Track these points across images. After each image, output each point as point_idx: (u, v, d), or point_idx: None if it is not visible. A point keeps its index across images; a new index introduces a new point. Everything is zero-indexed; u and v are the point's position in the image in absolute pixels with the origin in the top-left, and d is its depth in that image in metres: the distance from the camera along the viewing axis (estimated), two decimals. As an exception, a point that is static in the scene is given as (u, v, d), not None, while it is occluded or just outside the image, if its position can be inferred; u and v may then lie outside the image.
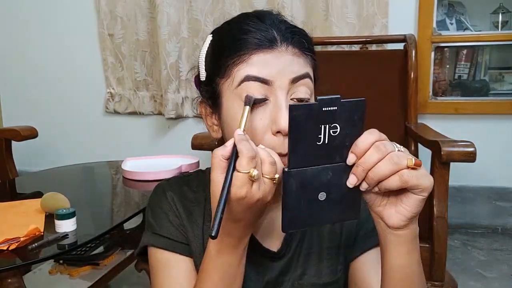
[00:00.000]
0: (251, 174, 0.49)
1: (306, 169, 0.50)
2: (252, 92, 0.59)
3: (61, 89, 2.63)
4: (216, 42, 0.65)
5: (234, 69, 0.60)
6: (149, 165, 1.72)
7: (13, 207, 1.30)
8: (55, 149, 2.65)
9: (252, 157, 0.49)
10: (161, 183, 0.74)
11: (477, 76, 2.33)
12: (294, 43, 0.61)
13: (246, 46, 0.60)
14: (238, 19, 0.65)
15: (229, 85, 0.61)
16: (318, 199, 0.51)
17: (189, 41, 2.35)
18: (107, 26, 2.44)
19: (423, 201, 0.51)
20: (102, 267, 1.57)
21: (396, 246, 0.55)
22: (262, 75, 0.59)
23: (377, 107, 1.88)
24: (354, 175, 0.50)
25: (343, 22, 2.11)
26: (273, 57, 0.59)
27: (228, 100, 0.62)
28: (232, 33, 0.62)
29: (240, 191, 0.49)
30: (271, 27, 0.61)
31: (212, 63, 0.65)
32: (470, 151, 1.28)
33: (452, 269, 1.75)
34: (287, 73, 0.59)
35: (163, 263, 0.67)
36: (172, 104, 2.36)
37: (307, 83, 0.61)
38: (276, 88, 0.59)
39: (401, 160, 0.49)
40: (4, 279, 1.04)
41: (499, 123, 2.14)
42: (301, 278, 0.69)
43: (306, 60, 0.63)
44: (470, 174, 2.13)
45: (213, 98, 0.65)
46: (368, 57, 2.02)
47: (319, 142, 0.49)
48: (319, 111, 0.48)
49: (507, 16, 2.29)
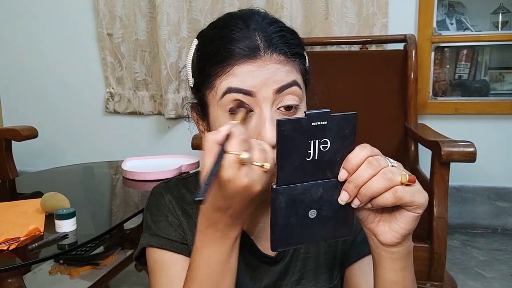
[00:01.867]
0: (240, 156, 0.46)
1: (296, 185, 0.48)
2: (234, 104, 0.57)
3: (61, 89, 2.63)
4: (200, 49, 0.63)
5: (217, 81, 0.58)
6: (149, 165, 1.72)
7: (13, 207, 1.30)
8: (55, 149, 2.65)
9: (243, 139, 0.47)
10: (159, 185, 0.73)
11: (477, 76, 2.33)
12: (279, 50, 0.58)
13: (228, 56, 0.58)
14: (222, 23, 0.62)
15: (213, 96, 0.60)
16: (309, 217, 0.49)
17: (189, 41, 2.35)
18: (106, 25, 2.44)
19: (417, 218, 0.50)
20: (102, 267, 1.56)
21: (389, 262, 0.53)
22: (245, 87, 0.57)
23: (377, 107, 1.89)
24: (346, 191, 0.49)
25: (343, 22, 2.11)
26: (256, 67, 0.57)
27: (214, 112, 0.61)
28: (215, 42, 0.60)
29: (227, 172, 0.47)
30: (255, 31, 0.58)
31: (197, 72, 0.63)
32: (470, 151, 1.28)
33: (451, 269, 1.76)
34: (271, 84, 0.57)
35: (161, 262, 0.66)
36: (172, 104, 2.36)
37: (294, 91, 0.58)
38: (259, 99, 0.57)
39: (395, 176, 0.47)
40: (4, 279, 1.04)
41: (499, 123, 2.14)
42: (298, 283, 0.69)
43: (293, 67, 0.60)
44: (470, 174, 2.13)
45: (202, 106, 0.64)
46: (368, 57, 2.02)
47: (308, 158, 0.47)
48: (308, 126, 0.46)
49: (507, 16, 2.29)
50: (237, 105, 0.57)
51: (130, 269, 1.67)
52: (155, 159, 1.82)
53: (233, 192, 0.48)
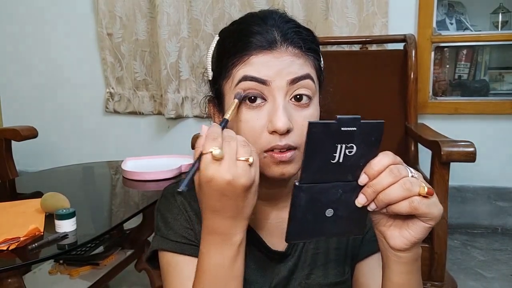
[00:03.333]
0: (212, 153, 0.49)
1: (317, 185, 0.50)
2: (249, 91, 0.59)
3: (61, 89, 2.63)
4: (221, 44, 0.66)
5: (233, 70, 0.61)
6: (149, 165, 1.72)
7: (13, 207, 1.30)
8: (55, 149, 2.65)
9: (214, 137, 0.50)
10: (169, 186, 0.73)
11: (477, 76, 2.33)
12: (294, 44, 0.61)
13: (246, 47, 0.60)
14: (242, 20, 0.65)
15: (230, 85, 0.62)
16: (325, 215, 0.51)
17: (189, 41, 2.35)
18: (105, 25, 2.44)
19: (429, 229, 0.51)
20: (102, 267, 1.56)
21: (396, 265, 0.55)
22: (260, 76, 0.59)
23: (377, 107, 1.88)
24: (364, 195, 0.50)
25: (343, 22, 2.11)
26: (272, 57, 0.59)
27: (229, 100, 0.62)
28: (234, 35, 0.63)
29: (206, 172, 0.50)
30: (272, 27, 0.61)
31: (216, 65, 0.65)
32: (470, 151, 1.28)
33: (452, 269, 1.76)
34: (285, 74, 0.59)
35: (173, 265, 0.66)
36: (172, 104, 2.36)
37: (307, 84, 0.60)
38: (273, 88, 0.59)
39: (414, 187, 0.49)
40: (4, 279, 1.03)
41: (499, 123, 2.14)
42: (308, 278, 0.69)
43: (307, 61, 0.62)
44: (470, 174, 2.13)
45: (218, 98, 0.66)
46: (368, 57, 2.02)
47: (333, 161, 0.49)
48: (337, 130, 0.48)
49: (507, 16, 2.29)
50: (237, 94, 0.59)
51: (130, 269, 1.67)
52: (155, 159, 1.82)
53: (220, 190, 0.50)
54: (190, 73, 2.38)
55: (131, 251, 1.67)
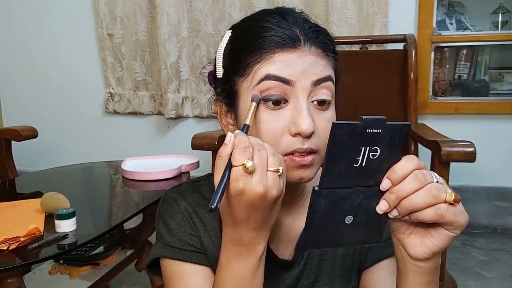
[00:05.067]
0: (245, 165, 0.46)
1: (338, 190, 0.47)
2: (271, 92, 0.56)
3: (60, 89, 2.63)
4: (235, 39, 0.62)
5: (254, 68, 0.57)
6: (149, 165, 1.72)
7: (13, 207, 1.30)
8: (55, 149, 2.65)
9: (245, 147, 0.47)
10: (171, 190, 0.70)
11: (477, 76, 2.33)
12: (317, 44, 0.58)
13: (268, 44, 0.57)
14: (259, 16, 0.61)
15: (248, 84, 0.58)
16: (345, 222, 0.48)
17: (189, 41, 2.35)
18: (106, 26, 2.44)
19: (453, 238, 0.48)
20: (102, 267, 1.56)
21: (414, 275, 0.52)
22: (283, 75, 0.56)
23: (377, 107, 1.88)
24: (386, 201, 0.47)
25: (343, 22, 2.11)
26: (296, 56, 0.56)
27: (247, 100, 0.58)
28: (253, 30, 0.59)
29: (237, 184, 0.47)
30: (293, 25, 0.58)
31: (230, 61, 0.61)
32: (470, 151, 1.28)
33: (451, 269, 1.76)
34: (309, 75, 0.56)
35: (178, 273, 0.63)
36: (172, 104, 2.36)
37: (329, 85, 0.58)
38: (297, 89, 0.56)
39: (441, 193, 0.46)
40: (4, 279, 1.04)
41: (499, 123, 2.14)
42: (313, 285, 0.67)
43: (329, 62, 0.60)
44: (470, 174, 2.13)
45: (229, 97, 0.62)
46: (368, 57, 2.02)
47: (356, 164, 0.46)
48: (362, 132, 0.45)
49: (507, 16, 2.29)
50: (254, 97, 0.56)
51: (130, 269, 1.67)
52: (155, 159, 1.82)
53: (250, 203, 0.48)
54: (190, 73, 2.38)
55: (131, 251, 1.67)
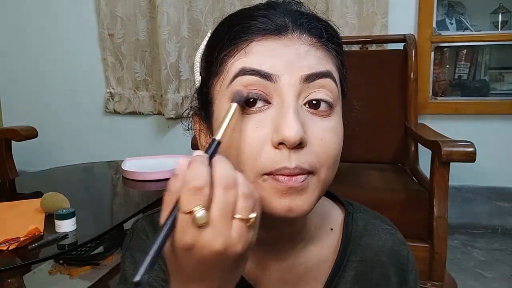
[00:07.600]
0: (195, 216, 0.33)
1: None
2: (249, 89, 0.42)
3: (61, 89, 2.63)
4: (212, 36, 0.50)
5: (228, 62, 0.44)
6: (149, 165, 1.72)
7: (13, 207, 1.30)
8: (55, 149, 2.65)
9: (197, 187, 0.33)
10: (140, 221, 0.57)
11: (477, 76, 2.33)
12: (311, 31, 0.44)
13: (245, 32, 0.44)
14: (244, 9, 0.50)
15: (221, 84, 0.45)
16: None
17: (189, 41, 2.35)
18: (107, 26, 2.44)
19: None
20: (102, 267, 1.57)
21: None
22: (263, 68, 0.42)
23: (377, 107, 1.88)
24: None
25: (343, 22, 2.11)
26: (281, 45, 0.43)
27: (218, 105, 0.45)
28: (231, 22, 0.47)
29: (183, 238, 0.33)
30: (281, 12, 0.45)
31: (206, 62, 0.49)
32: (470, 151, 1.28)
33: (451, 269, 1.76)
34: (298, 68, 0.42)
35: None
36: (172, 104, 2.36)
37: (327, 84, 0.44)
38: (281, 86, 0.42)
39: None
40: (4, 279, 1.04)
41: (499, 123, 2.14)
42: None
43: (328, 56, 0.45)
44: (470, 174, 2.13)
45: (204, 108, 0.48)
46: (368, 57, 2.02)
47: None
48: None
49: (507, 16, 2.29)
50: (236, 95, 0.42)
51: (130, 269, 1.67)
52: (155, 159, 1.82)
53: (203, 261, 0.35)
54: (190, 73, 2.38)
55: (131, 251, 1.67)
